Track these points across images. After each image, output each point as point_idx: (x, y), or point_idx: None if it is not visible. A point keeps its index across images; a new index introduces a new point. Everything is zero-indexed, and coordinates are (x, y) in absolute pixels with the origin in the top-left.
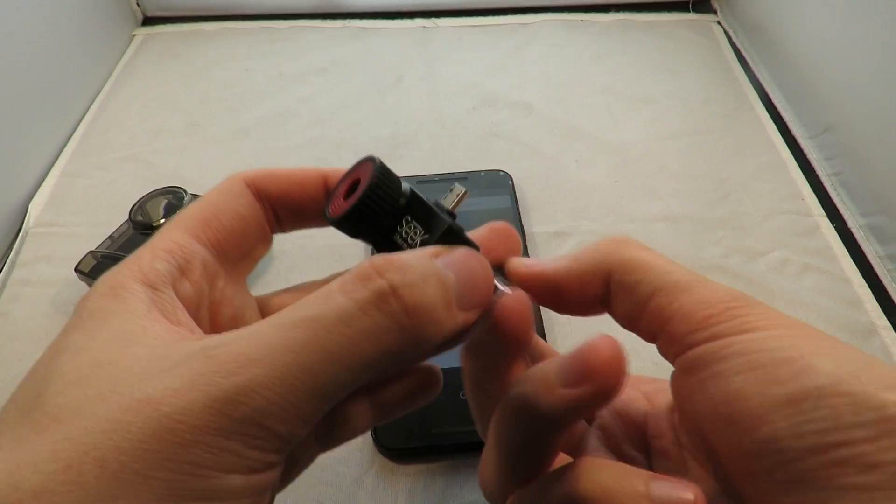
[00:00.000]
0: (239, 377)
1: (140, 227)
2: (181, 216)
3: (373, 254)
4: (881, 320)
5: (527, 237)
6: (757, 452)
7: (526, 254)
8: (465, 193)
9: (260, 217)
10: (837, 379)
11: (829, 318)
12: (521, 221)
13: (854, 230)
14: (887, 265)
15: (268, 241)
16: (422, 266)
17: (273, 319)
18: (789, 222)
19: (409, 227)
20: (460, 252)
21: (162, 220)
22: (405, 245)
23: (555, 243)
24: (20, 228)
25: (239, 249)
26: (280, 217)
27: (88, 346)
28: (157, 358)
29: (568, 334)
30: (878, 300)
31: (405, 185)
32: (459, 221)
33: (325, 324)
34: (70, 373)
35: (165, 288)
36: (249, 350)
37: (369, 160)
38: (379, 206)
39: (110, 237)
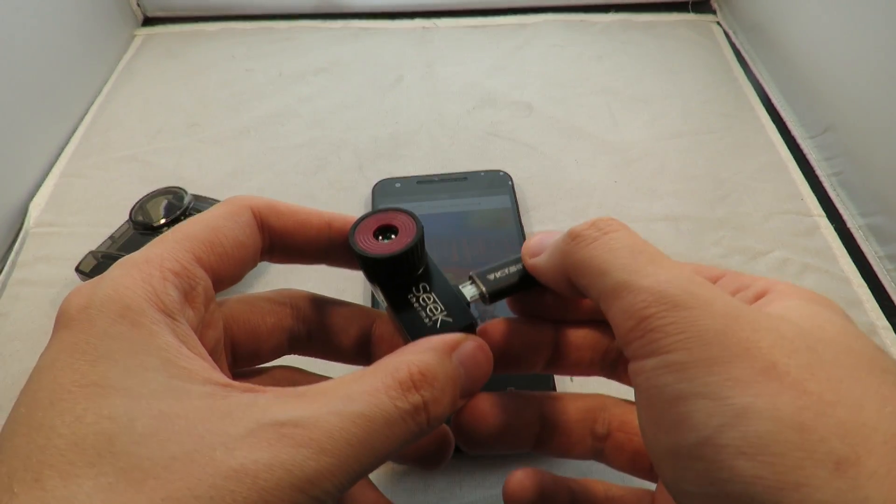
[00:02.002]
0: (315, 463)
1: (140, 227)
2: (185, 233)
3: (378, 296)
4: (881, 320)
5: (526, 237)
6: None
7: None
8: (481, 300)
9: (257, 247)
10: (704, 439)
11: None
12: (520, 221)
13: (853, 230)
14: (887, 265)
15: (253, 267)
16: (444, 375)
17: (331, 404)
18: (789, 222)
19: (429, 298)
20: (474, 347)
21: (162, 220)
22: (423, 312)
23: None
24: (20, 228)
25: (231, 275)
26: (273, 250)
27: (136, 390)
28: (223, 416)
29: None
30: (877, 300)
31: (426, 254)
32: (460, 223)
33: (376, 425)
34: (137, 421)
35: (180, 317)
36: (320, 438)
37: (408, 214)
38: (413, 262)
39: (110, 237)
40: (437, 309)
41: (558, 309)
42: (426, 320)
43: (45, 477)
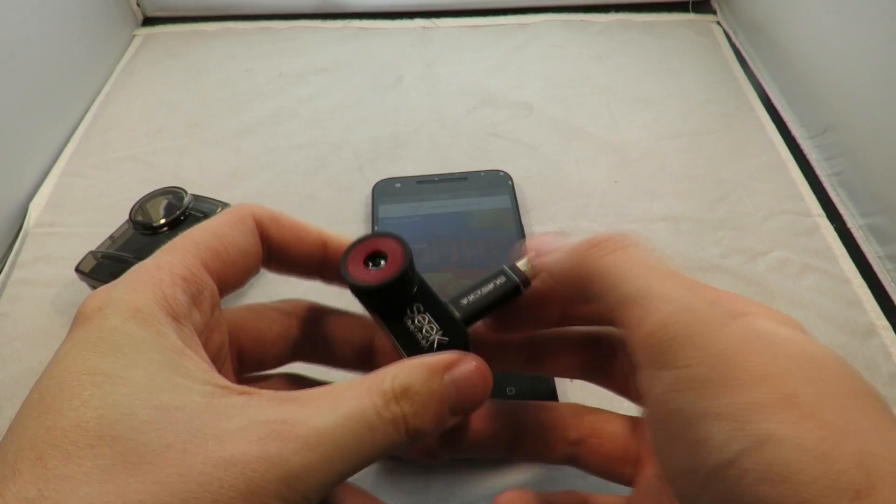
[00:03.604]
0: (301, 458)
1: (140, 227)
2: (193, 241)
3: (375, 321)
4: (881, 320)
5: (527, 237)
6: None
7: None
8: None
9: (259, 255)
10: (727, 462)
11: (829, 319)
12: (520, 221)
13: (853, 230)
14: (887, 265)
15: (256, 274)
16: (427, 392)
17: (320, 407)
18: (789, 222)
19: (424, 318)
20: (470, 369)
21: (162, 220)
22: (419, 335)
23: None
24: (20, 228)
25: (234, 282)
26: (271, 260)
27: (141, 382)
28: (218, 412)
29: None
30: (877, 300)
31: (417, 274)
32: (460, 223)
33: (360, 428)
34: (138, 411)
35: (186, 321)
36: (307, 435)
37: (396, 238)
38: (404, 289)
39: (110, 237)
40: (432, 329)
41: (535, 321)
42: (423, 342)
43: (47, 456)
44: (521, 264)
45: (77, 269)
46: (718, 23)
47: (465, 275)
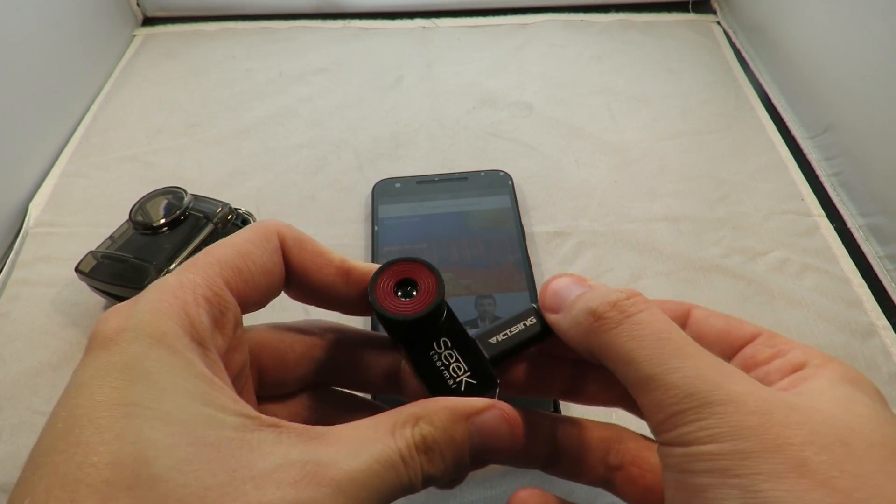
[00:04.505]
0: (334, 503)
1: (140, 227)
2: (216, 258)
3: (400, 352)
4: (880, 320)
5: (527, 237)
6: None
7: (525, 255)
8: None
9: (282, 276)
10: None
11: (829, 319)
12: (520, 221)
13: (853, 230)
14: (887, 265)
15: (277, 295)
16: (448, 441)
17: (348, 447)
18: (789, 222)
19: (451, 356)
20: (496, 417)
21: (162, 220)
22: (446, 373)
23: (555, 243)
24: (20, 228)
25: (256, 301)
26: (290, 283)
27: (174, 415)
28: (252, 449)
29: None
30: (877, 300)
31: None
32: (460, 223)
33: (386, 471)
34: (175, 447)
35: (211, 346)
36: (339, 479)
37: (428, 267)
38: (435, 323)
39: (110, 237)
40: (459, 369)
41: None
42: (450, 381)
43: (81, 497)
44: None
45: (77, 269)
46: (718, 23)
47: (466, 275)
